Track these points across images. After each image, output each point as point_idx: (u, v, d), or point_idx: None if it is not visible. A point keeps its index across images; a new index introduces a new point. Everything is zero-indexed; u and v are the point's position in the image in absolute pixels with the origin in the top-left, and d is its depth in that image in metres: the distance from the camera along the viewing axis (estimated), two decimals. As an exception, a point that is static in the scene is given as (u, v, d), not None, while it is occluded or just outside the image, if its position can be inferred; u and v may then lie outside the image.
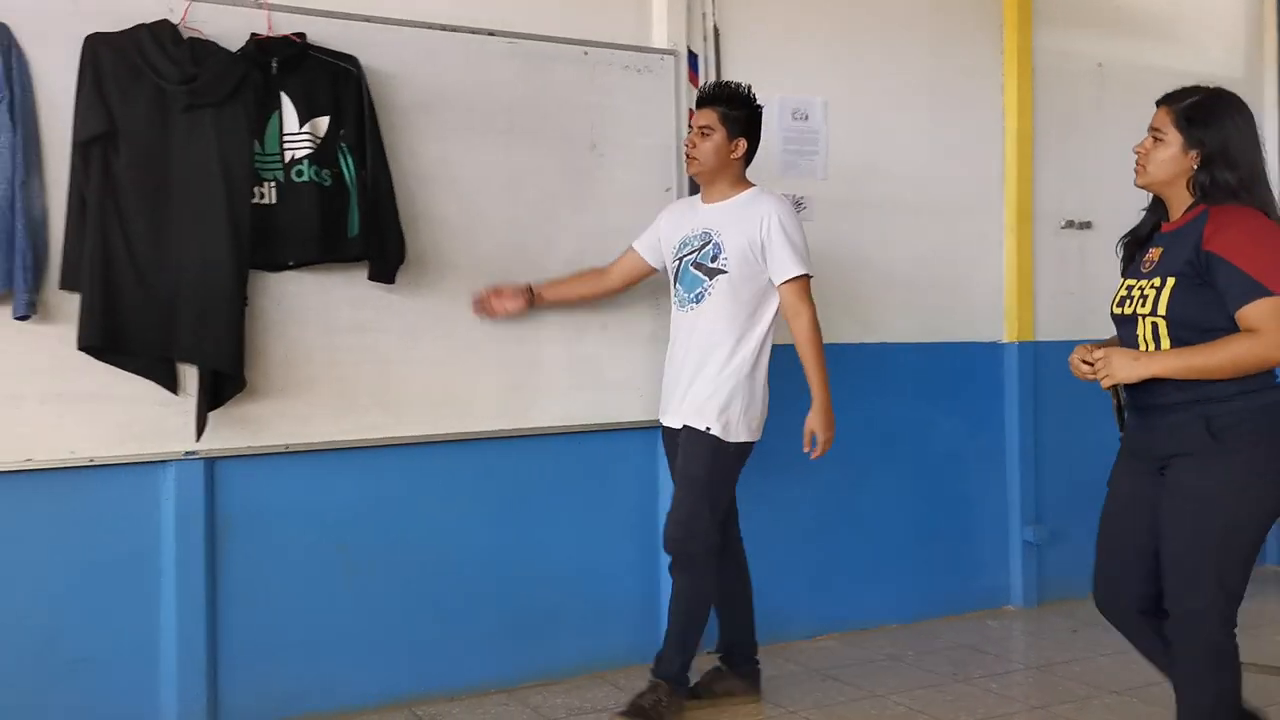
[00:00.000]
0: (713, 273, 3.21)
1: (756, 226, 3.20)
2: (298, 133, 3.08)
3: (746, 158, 3.31)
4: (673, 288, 3.35)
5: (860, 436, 4.13)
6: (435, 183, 3.35)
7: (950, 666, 3.79)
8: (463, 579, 3.46)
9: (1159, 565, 2.45)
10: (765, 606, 3.91)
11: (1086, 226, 4.61)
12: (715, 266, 3.21)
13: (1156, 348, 2.38)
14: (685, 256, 3.29)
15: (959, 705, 3.43)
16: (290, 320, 3.17)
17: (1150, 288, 2.39)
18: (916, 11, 4.31)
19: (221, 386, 3.02)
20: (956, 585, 4.37)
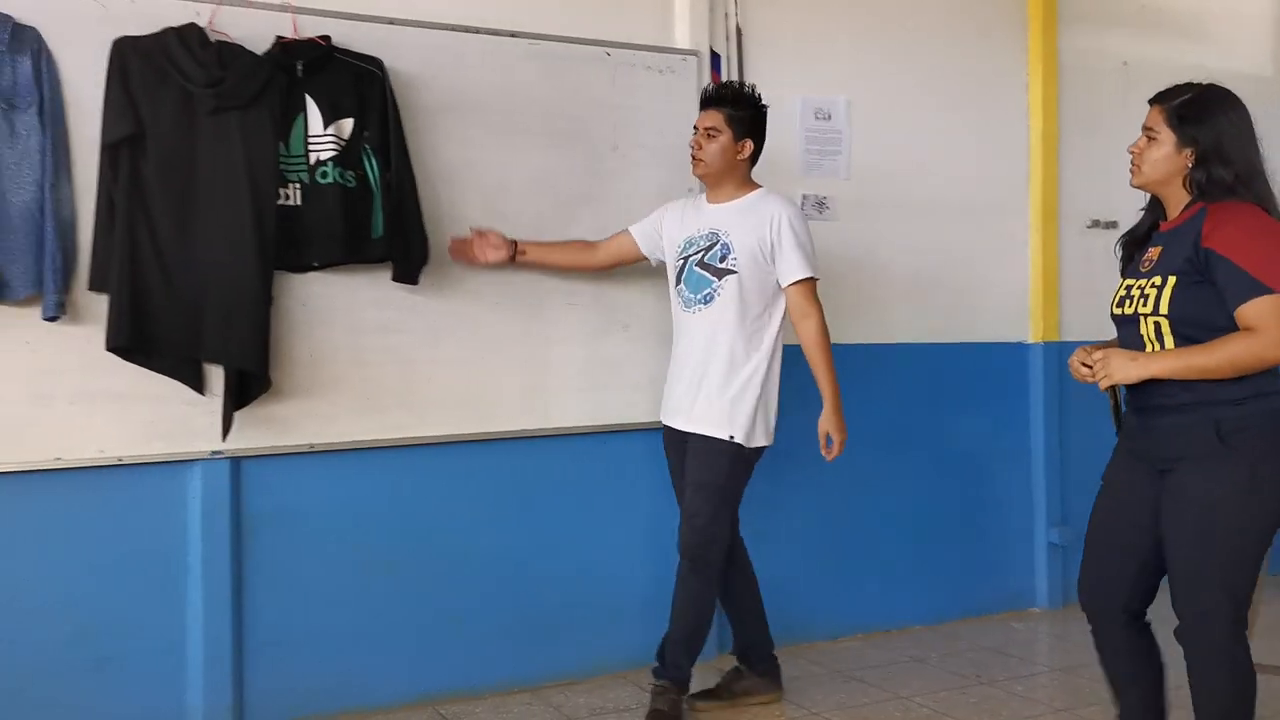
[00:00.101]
0: (722, 273, 3.19)
1: (767, 226, 3.18)
2: (322, 134, 3.11)
3: (753, 158, 3.29)
4: (675, 288, 3.30)
5: (884, 437, 4.12)
6: (458, 184, 3.36)
7: (974, 668, 3.77)
8: (486, 578, 3.47)
9: (1150, 569, 2.43)
10: (789, 607, 3.91)
11: (1112, 226, 4.57)
12: (725, 267, 3.19)
13: (1161, 347, 2.35)
14: (691, 256, 3.25)
15: (983, 708, 3.41)
16: (315, 321, 3.19)
17: (1151, 287, 2.36)
18: (940, 10, 4.29)
19: (247, 386, 3.04)
20: (981, 587, 4.35)
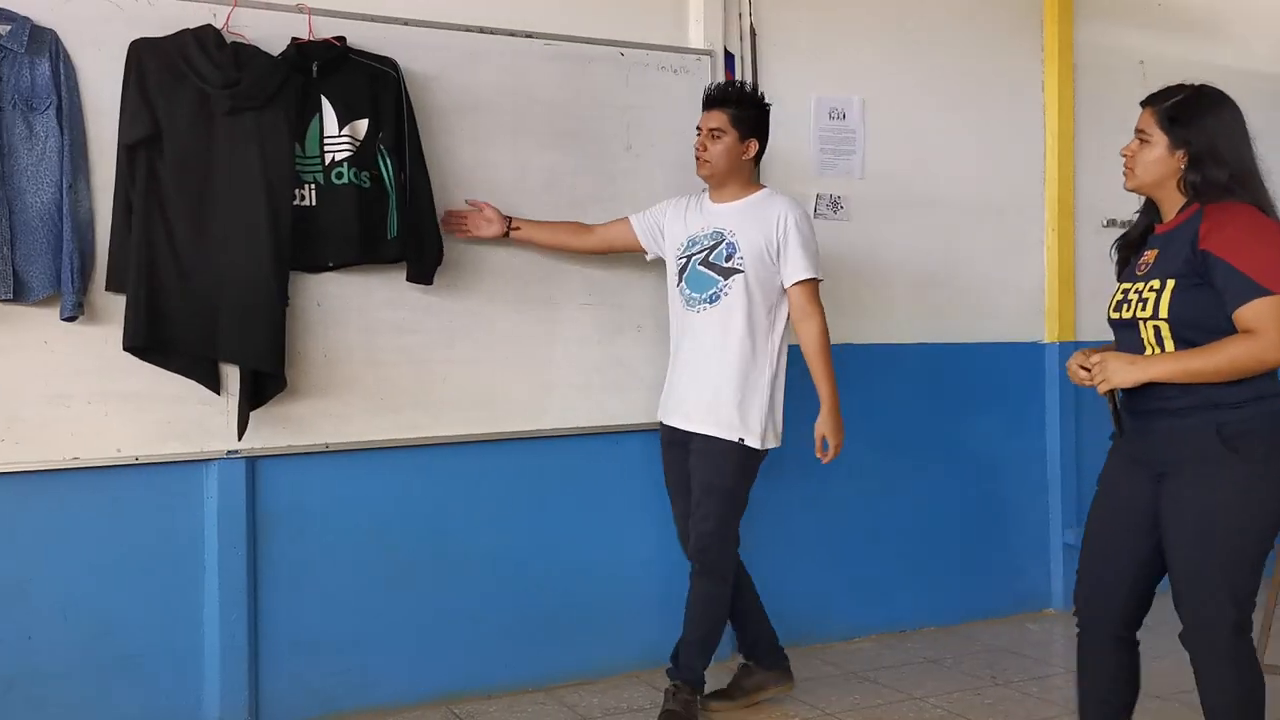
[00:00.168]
0: (728, 272, 3.18)
1: (773, 225, 3.18)
2: (338, 135, 3.12)
3: (757, 158, 3.29)
4: (676, 286, 3.28)
5: (898, 438, 4.12)
6: (473, 184, 3.37)
7: (989, 669, 3.76)
8: (500, 578, 3.48)
9: (1148, 576, 2.41)
10: (803, 608, 3.92)
11: (1129, 225, 4.55)
12: (730, 266, 3.18)
13: (1161, 351, 2.33)
14: (694, 255, 3.24)
15: (997, 709, 3.40)
16: (330, 321, 3.21)
17: (1150, 290, 2.34)
18: (955, 8, 4.28)
19: (263, 386, 3.06)
20: (996, 588, 4.34)
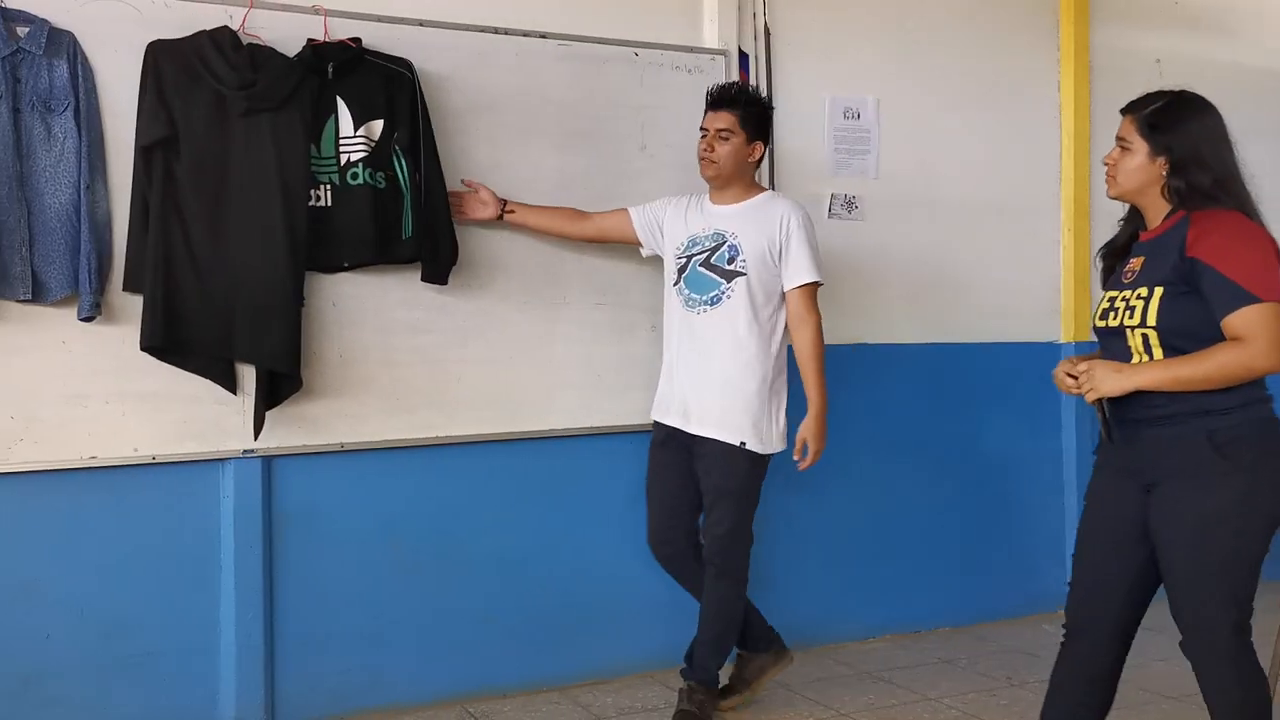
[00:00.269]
0: (730, 275, 3.17)
1: (776, 227, 3.17)
2: (353, 136, 3.13)
3: (758, 161, 3.28)
4: (674, 286, 3.26)
5: (913, 438, 4.11)
6: (488, 184, 3.36)
7: (1004, 670, 3.75)
8: (515, 577, 3.49)
9: (1142, 587, 2.40)
10: (816, 608, 3.92)
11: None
12: (733, 269, 3.17)
13: (1150, 359, 2.31)
14: (694, 256, 3.22)
15: (1012, 710, 3.39)
16: (345, 321, 3.22)
17: (1137, 298, 2.32)
18: (971, 9, 4.26)
19: (278, 386, 3.07)
20: (1011, 588, 4.33)
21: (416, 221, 3.17)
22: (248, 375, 3.06)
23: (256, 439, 3.08)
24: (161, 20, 2.97)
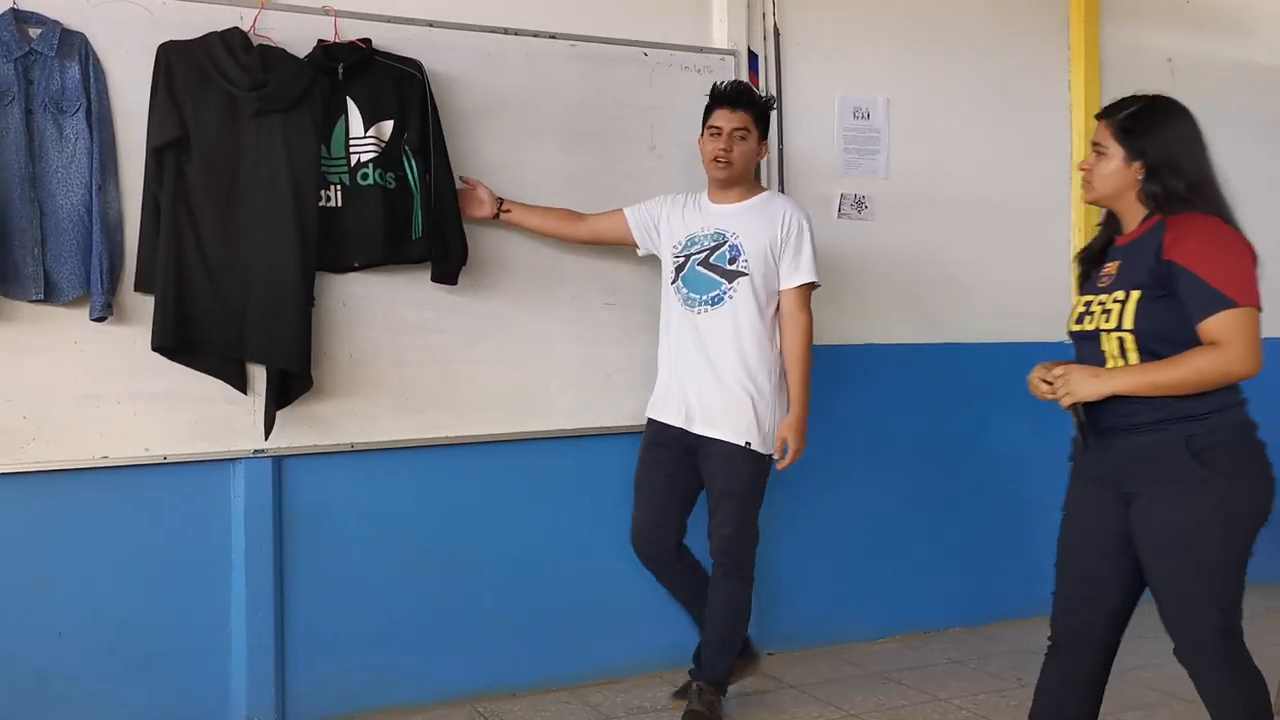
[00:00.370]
0: (732, 275, 3.16)
1: (778, 226, 3.17)
2: (363, 137, 3.13)
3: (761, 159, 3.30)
4: (672, 285, 3.25)
5: (924, 438, 4.10)
6: (497, 185, 3.37)
7: (1014, 671, 3.73)
8: (524, 577, 3.49)
9: (1127, 599, 2.38)
10: (826, 609, 3.91)
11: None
12: (735, 269, 3.16)
13: (1125, 364, 2.29)
14: (693, 255, 3.21)
15: (1022, 710, 3.34)
16: (355, 321, 3.22)
17: (1113, 302, 2.31)
18: (981, 7, 4.25)
19: (289, 386, 3.07)
20: (1021, 589, 4.30)
21: (426, 222, 3.17)
22: (258, 375, 3.07)
23: (267, 439, 3.09)
24: (173, 22, 2.98)
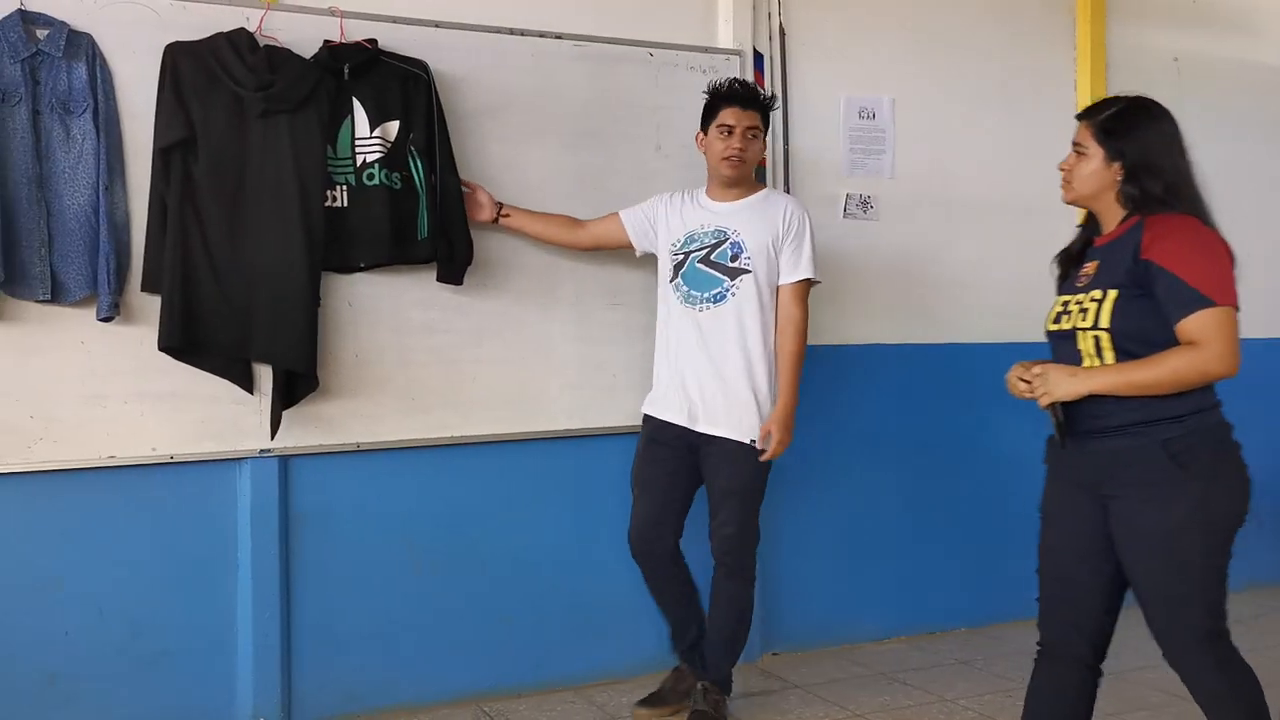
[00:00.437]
0: (734, 273, 3.15)
1: (780, 222, 3.17)
2: (369, 137, 3.14)
3: None
4: (671, 282, 3.23)
5: (930, 438, 4.10)
6: (503, 185, 3.38)
7: (1020, 671, 3.68)
8: (529, 577, 3.49)
9: (1112, 602, 2.38)
10: (832, 609, 3.90)
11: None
12: (738, 266, 3.15)
13: (1101, 363, 2.28)
14: (693, 253, 3.20)
15: (1029, 711, 3.37)
16: (361, 321, 3.23)
17: (1090, 301, 2.30)
18: (987, 7, 4.25)
19: (295, 386, 3.08)
20: (1026, 589, 4.25)
21: (432, 222, 3.17)
22: (265, 375, 3.08)
23: (273, 439, 3.09)
24: (179, 22, 2.99)
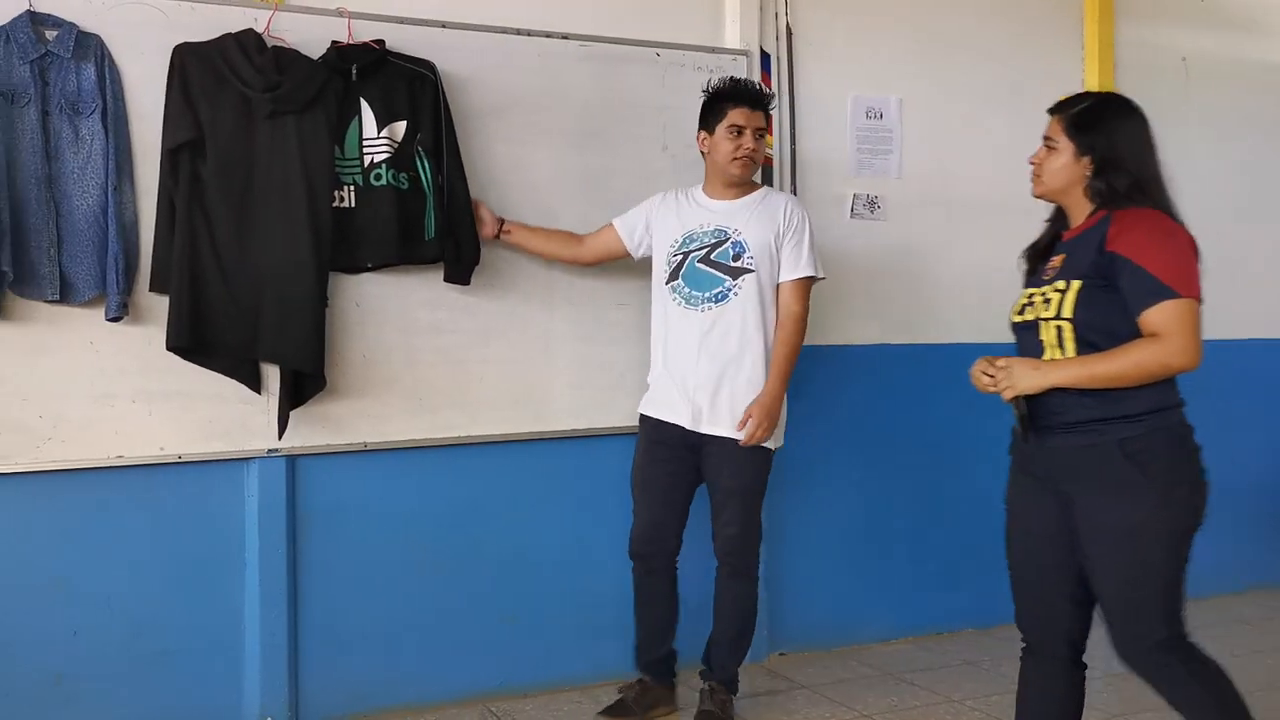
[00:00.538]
0: (737, 272, 3.14)
1: (780, 220, 3.17)
2: (376, 137, 3.14)
3: None
4: (670, 283, 3.20)
5: (937, 438, 4.09)
6: (510, 185, 3.38)
7: (1027, 672, 3.72)
8: (537, 577, 3.50)
9: (1083, 597, 2.36)
10: (839, 609, 3.90)
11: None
12: (740, 265, 3.14)
13: (1062, 354, 2.28)
14: (692, 252, 3.18)
15: (1036, 712, 3.36)
16: (369, 321, 3.23)
17: (1054, 291, 2.30)
18: (995, 7, 4.25)
19: (303, 386, 3.09)
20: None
21: (439, 222, 3.18)
22: (272, 375, 3.09)
23: (281, 439, 3.10)
24: (187, 23, 3.00)
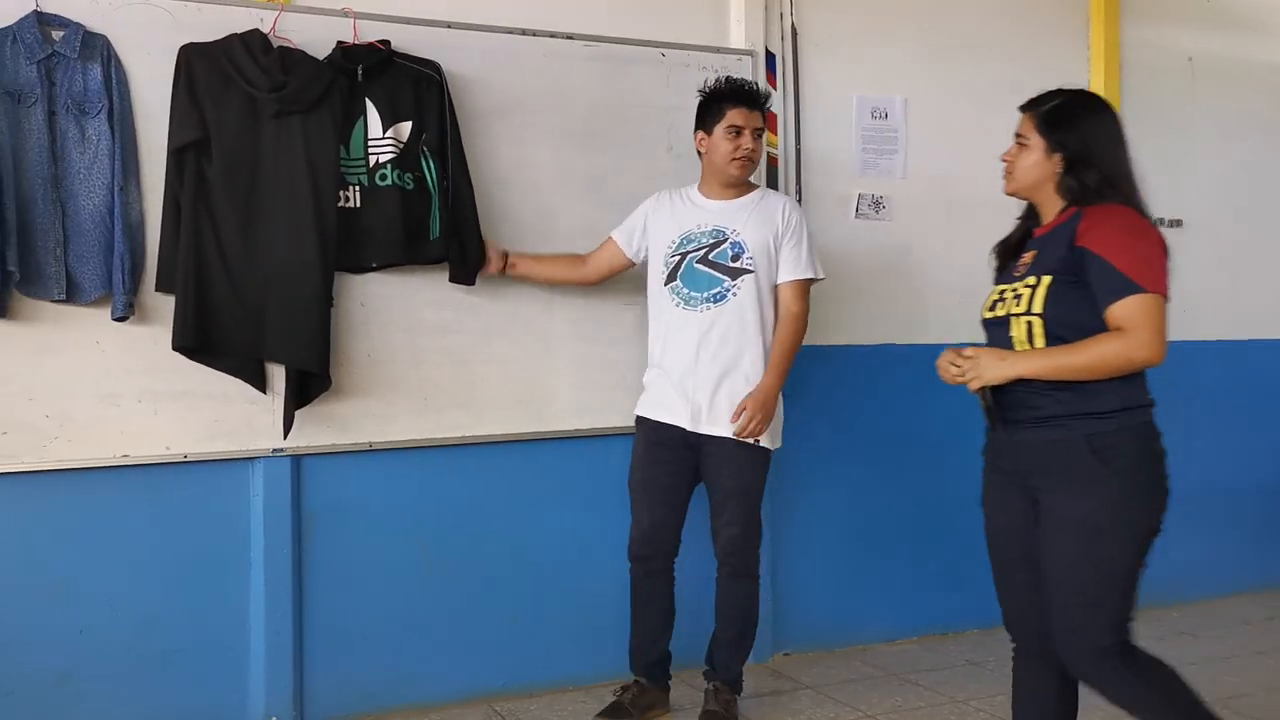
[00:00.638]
0: (736, 272, 3.13)
1: (778, 220, 3.17)
2: (382, 138, 3.15)
3: None
4: (668, 285, 3.17)
5: (942, 437, 4.07)
6: (515, 185, 3.38)
7: (1032, 673, 3.71)
8: (541, 577, 3.50)
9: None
10: (843, 609, 3.90)
11: (1177, 224, 4.48)
12: (739, 266, 3.13)
13: (1032, 349, 2.29)
14: (690, 253, 3.17)
15: (1041, 713, 3.36)
16: (374, 321, 3.24)
17: (1025, 287, 2.31)
18: (1000, 7, 4.24)
19: (308, 386, 3.09)
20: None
21: (444, 222, 3.18)
22: (277, 375, 3.09)
23: (286, 438, 3.10)
24: (193, 24, 3.00)
